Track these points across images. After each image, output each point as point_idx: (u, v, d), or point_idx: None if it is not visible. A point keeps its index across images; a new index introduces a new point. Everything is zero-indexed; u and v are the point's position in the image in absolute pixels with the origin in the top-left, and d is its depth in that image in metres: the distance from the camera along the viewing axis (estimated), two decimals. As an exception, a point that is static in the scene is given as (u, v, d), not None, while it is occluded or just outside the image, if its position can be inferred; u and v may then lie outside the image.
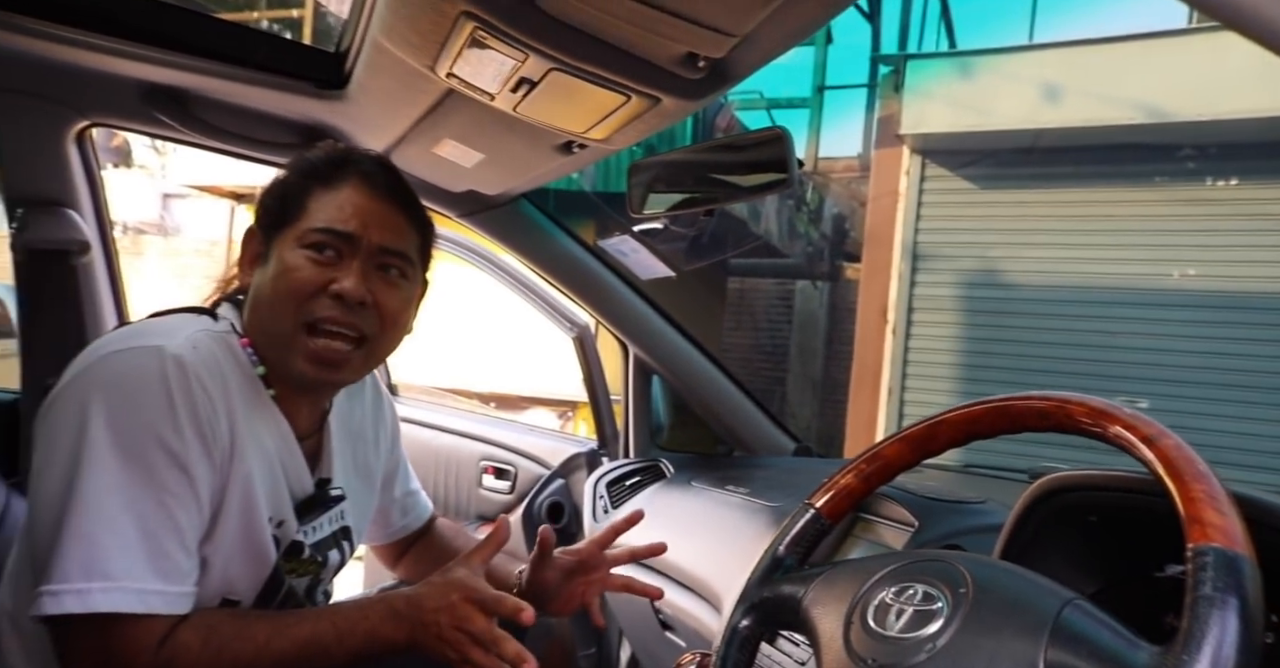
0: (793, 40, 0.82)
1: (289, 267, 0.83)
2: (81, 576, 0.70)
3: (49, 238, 1.25)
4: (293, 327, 0.83)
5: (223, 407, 0.79)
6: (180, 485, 0.76)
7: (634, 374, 1.69)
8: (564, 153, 1.15)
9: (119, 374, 0.76)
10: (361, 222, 0.85)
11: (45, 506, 0.74)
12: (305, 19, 8.05)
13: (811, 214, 8.33)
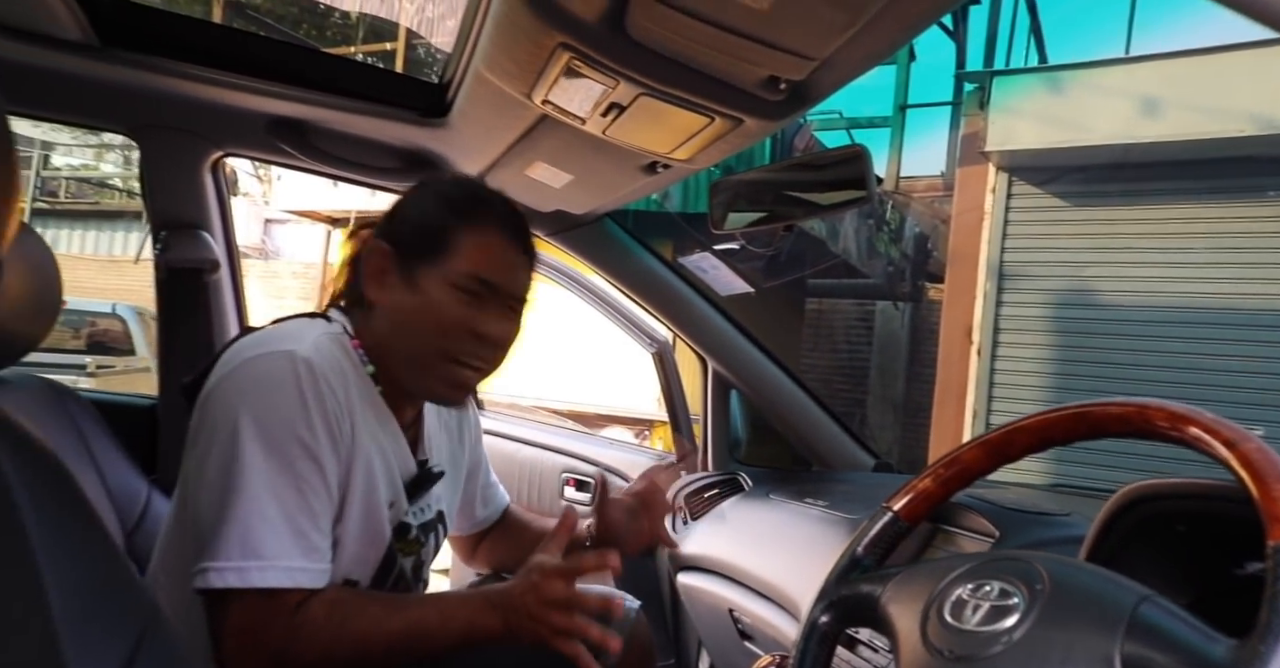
0: (872, 62, 0.85)
1: (439, 303, 0.91)
2: (239, 555, 0.80)
3: (186, 257, 1.38)
4: (435, 356, 0.92)
5: (344, 402, 0.88)
6: (314, 475, 0.84)
7: (713, 389, 1.72)
8: (648, 173, 1.21)
9: (259, 377, 0.85)
10: (508, 274, 0.94)
11: (204, 494, 0.84)
12: (398, 51, 8.47)
13: (892, 234, 8.21)
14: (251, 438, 0.82)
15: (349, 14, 10.66)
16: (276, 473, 0.82)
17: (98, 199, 12.55)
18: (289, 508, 0.83)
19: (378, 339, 0.95)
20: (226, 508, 0.81)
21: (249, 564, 0.80)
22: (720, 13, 0.74)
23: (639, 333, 1.83)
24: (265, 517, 0.81)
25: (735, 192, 1.17)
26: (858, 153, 1.01)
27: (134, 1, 1.10)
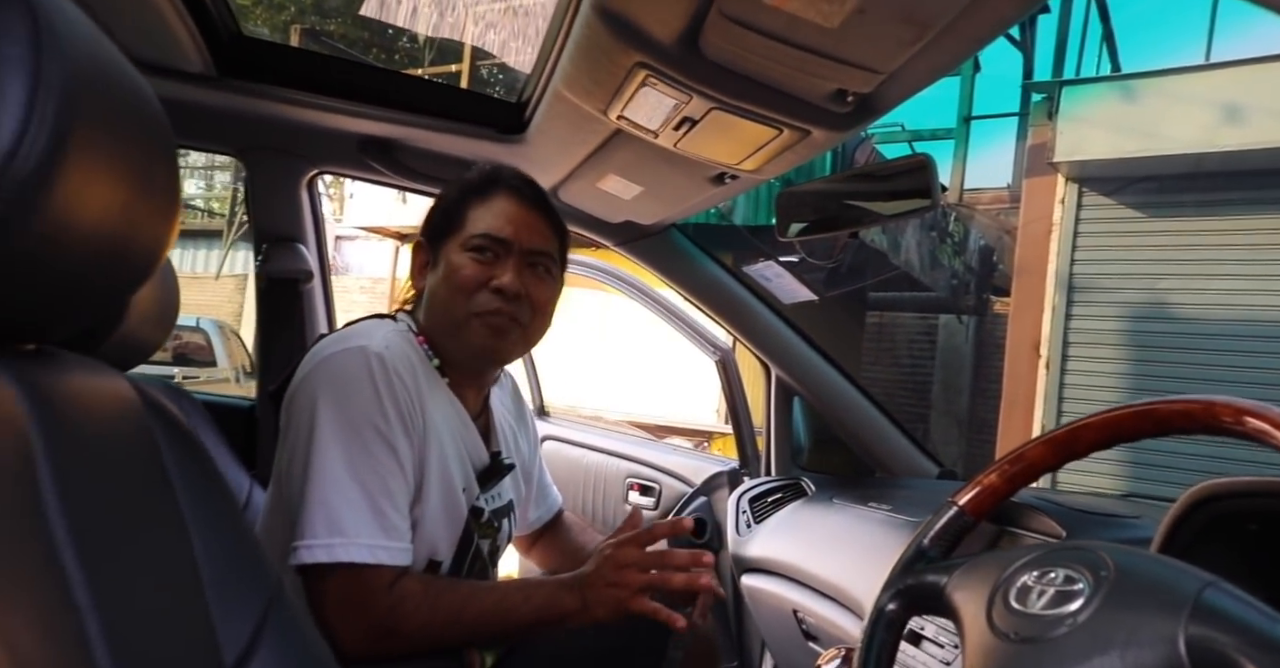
0: (938, 74, 0.89)
1: (455, 267, 1.00)
2: (325, 533, 0.87)
3: (284, 268, 1.49)
4: (464, 316, 1.00)
5: (414, 392, 0.95)
6: (389, 459, 0.92)
7: (775, 395, 1.75)
8: (716, 183, 1.25)
9: (336, 373, 0.93)
10: (515, 228, 1.02)
11: (293, 481, 0.92)
12: (463, 72, 8.73)
13: (956, 246, 8.07)
14: (331, 427, 0.90)
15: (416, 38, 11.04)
16: (355, 458, 0.90)
17: (183, 220, 13.21)
18: (368, 490, 0.90)
19: (429, 325, 1.03)
20: (312, 492, 0.88)
21: (334, 541, 0.87)
22: (791, 31, 0.79)
23: (702, 341, 1.87)
24: (347, 498, 0.88)
25: (801, 201, 1.21)
26: (923, 162, 1.04)
27: (248, 35, 1.20)
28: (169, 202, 0.57)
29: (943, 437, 8.10)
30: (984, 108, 10.12)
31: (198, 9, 1.05)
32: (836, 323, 6.93)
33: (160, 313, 1.15)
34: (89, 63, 0.45)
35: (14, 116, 0.40)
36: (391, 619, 0.88)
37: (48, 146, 0.41)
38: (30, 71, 0.41)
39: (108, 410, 0.58)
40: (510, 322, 1.01)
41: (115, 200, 0.49)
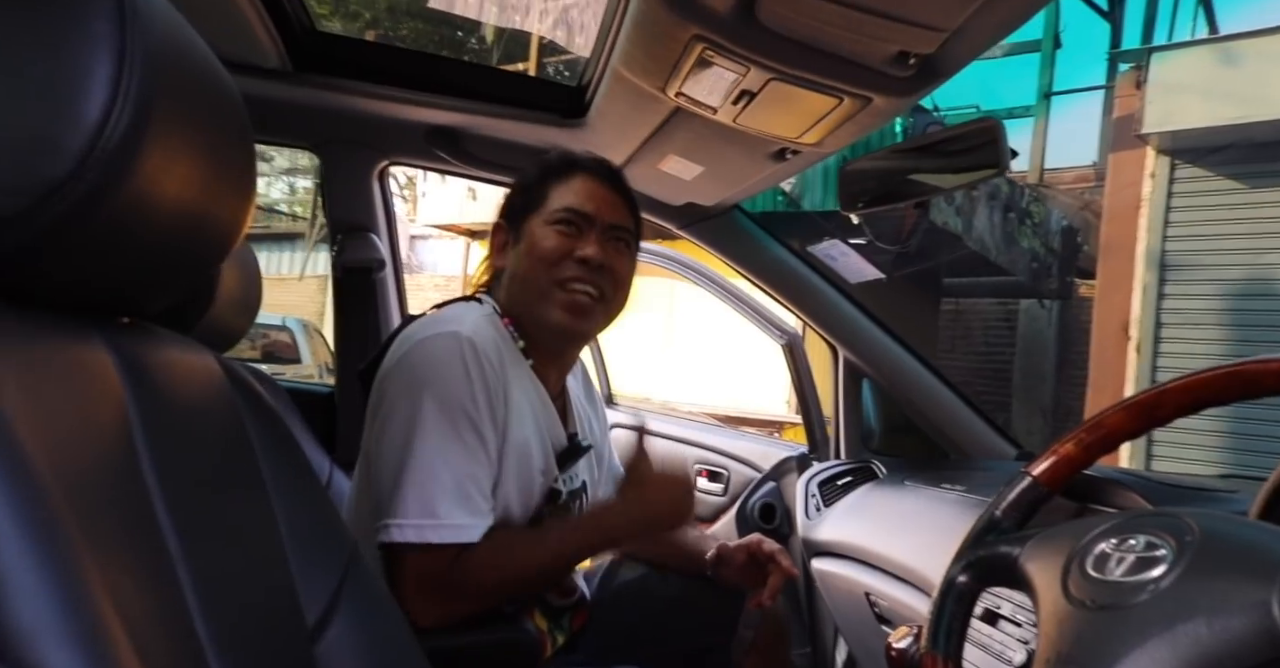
0: (1003, 31, 0.86)
1: (540, 239, 1.03)
2: (417, 514, 0.90)
3: (358, 257, 1.54)
4: (548, 285, 1.02)
5: (502, 377, 0.98)
6: (477, 444, 0.94)
7: (844, 377, 1.72)
8: (777, 160, 1.24)
9: (430, 357, 0.96)
10: (595, 204, 1.05)
11: (384, 462, 0.95)
12: (529, 70, 8.84)
13: (1036, 228, 7.76)
14: (425, 412, 0.93)
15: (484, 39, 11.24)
16: (447, 442, 0.92)
17: (268, 223, 13.79)
18: (458, 474, 0.92)
19: (510, 303, 1.06)
20: (404, 473, 0.92)
21: (425, 522, 0.90)
22: (848, -8, 0.77)
23: (768, 325, 1.86)
24: (439, 481, 0.91)
25: (864, 175, 1.19)
26: (990, 125, 1.00)
27: (322, 30, 1.25)
28: (245, 179, 0.59)
29: (1026, 425, 7.82)
30: (1067, 84, 9.67)
31: (274, 6, 1.09)
32: (910, 311, 6.75)
33: (244, 300, 1.21)
34: (170, 41, 0.48)
35: (102, 90, 0.42)
36: (465, 588, 0.92)
37: (133, 119, 0.44)
38: (117, 47, 0.43)
39: (196, 383, 0.62)
40: (593, 298, 1.03)
41: (195, 175, 0.52)
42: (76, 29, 0.42)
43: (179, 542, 0.50)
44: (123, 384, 0.51)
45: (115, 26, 0.43)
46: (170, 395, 0.56)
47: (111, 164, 0.43)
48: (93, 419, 0.47)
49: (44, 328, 0.47)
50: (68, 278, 0.49)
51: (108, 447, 0.48)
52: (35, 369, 0.43)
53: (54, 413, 0.43)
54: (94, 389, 0.48)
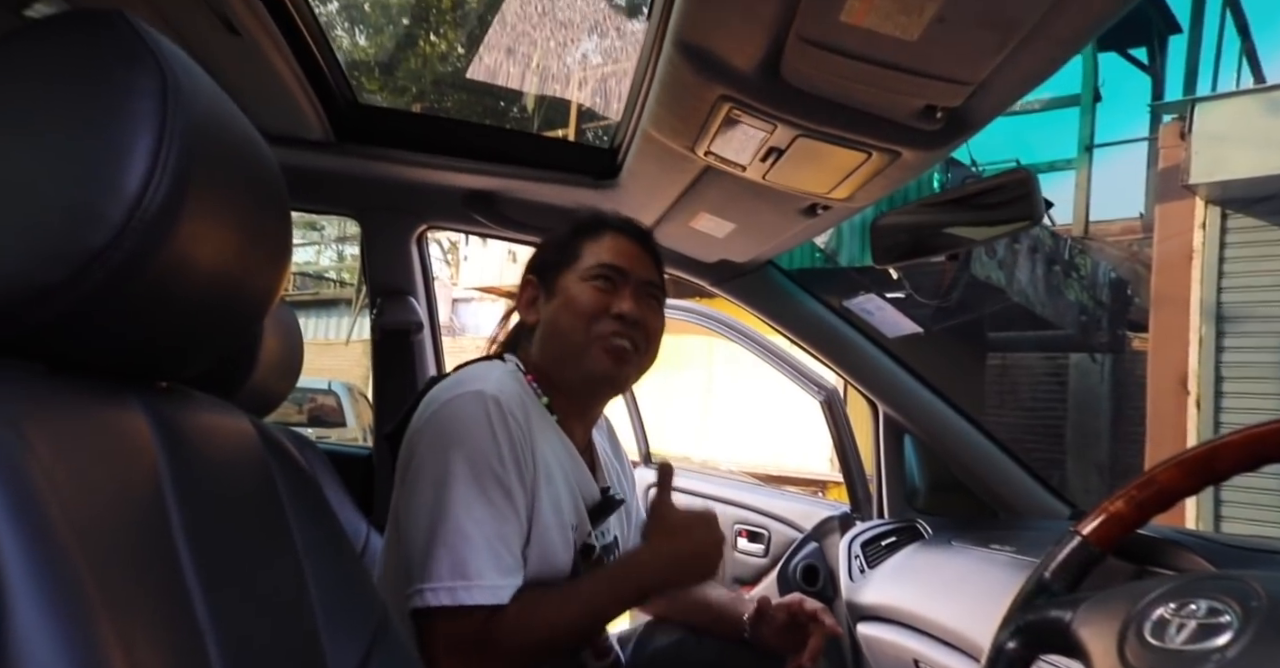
0: (1030, 84, 0.85)
1: (577, 295, 1.04)
2: (449, 576, 0.89)
3: (397, 320, 1.57)
4: (585, 341, 1.03)
5: (527, 432, 0.97)
6: (505, 503, 0.93)
7: (884, 434, 1.68)
8: (809, 215, 1.24)
9: (455, 417, 0.96)
10: (629, 260, 1.07)
11: (413, 525, 0.94)
12: (569, 135, 9.11)
13: (1083, 281, 7.62)
14: (453, 472, 0.92)
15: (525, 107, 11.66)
16: (476, 502, 0.92)
17: (317, 290, 14.21)
18: (488, 533, 0.91)
19: (542, 357, 1.06)
20: (435, 535, 0.91)
21: (457, 584, 0.89)
22: (871, 48, 0.78)
23: (806, 381, 1.83)
24: (469, 542, 0.90)
25: (896, 228, 1.18)
26: (1024, 176, 1.00)
27: (363, 103, 1.31)
28: (280, 245, 0.61)
29: (1082, 484, 7.52)
30: (1109, 136, 9.63)
31: (318, 80, 1.15)
32: (954, 366, 6.63)
33: (286, 364, 1.23)
34: (209, 116, 0.50)
35: (142, 164, 0.44)
36: (498, 649, 0.89)
37: (170, 191, 0.46)
38: (158, 124, 0.45)
39: (230, 446, 0.62)
40: (629, 348, 1.04)
41: (231, 242, 0.54)
42: (121, 107, 0.45)
43: (207, 609, 0.50)
44: (157, 448, 0.52)
45: (157, 103, 0.45)
46: (204, 459, 0.57)
47: (149, 233, 0.45)
48: (124, 485, 0.47)
49: (81, 393, 0.48)
50: (107, 343, 0.50)
51: (138, 513, 0.48)
52: (69, 435, 0.44)
53: (85, 479, 0.43)
54: (127, 454, 0.49)
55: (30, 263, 0.43)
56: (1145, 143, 7.71)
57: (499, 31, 7.99)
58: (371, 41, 13.29)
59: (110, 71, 0.45)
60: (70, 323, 0.46)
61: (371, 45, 13.24)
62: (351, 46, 13.59)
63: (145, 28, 0.47)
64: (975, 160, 7.15)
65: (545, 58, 7.24)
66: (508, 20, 7.75)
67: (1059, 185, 8.27)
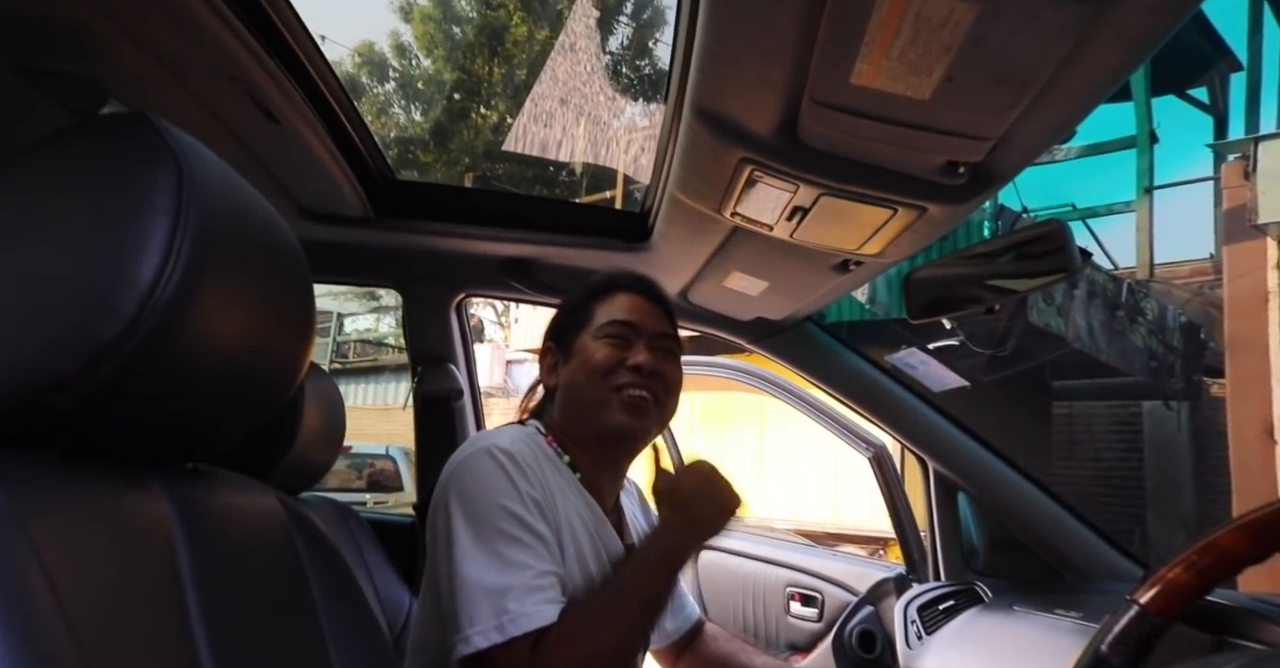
0: (1055, 134, 0.84)
1: (592, 352, 1.06)
2: (490, 615, 0.88)
3: (437, 388, 1.59)
4: (604, 393, 1.04)
5: (545, 485, 0.98)
6: (534, 540, 0.93)
7: (936, 492, 1.62)
8: (841, 271, 1.23)
9: (468, 472, 0.97)
10: (640, 315, 1.09)
11: (448, 576, 0.93)
12: (616, 196, 9.31)
13: (1151, 325, 7.34)
14: (467, 519, 0.93)
15: (574, 172, 12.00)
16: (500, 542, 0.91)
17: (376, 357, 14.57)
18: (521, 569, 0.90)
19: (563, 417, 1.07)
20: (468, 582, 0.90)
21: (502, 620, 0.87)
22: (885, 108, 0.79)
23: (854, 438, 1.79)
24: (503, 581, 0.89)
25: (930, 282, 1.16)
26: (1055, 229, 0.97)
27: (400, 179, 1.36)
28: (302, 324, 0.62)
29: (1166, 540, 7.08)
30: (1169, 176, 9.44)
31: (356, 161, 1.20)
32: (1017, 416, 6.40)
33: (328, 435, 1.26)
34: (225, 205, 0.52)
35: (156, 255, 0.46)
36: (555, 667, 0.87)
37: (184, 280, 0.47)
38: (172, 216, 0.47)
39: (255, 525, 0.63)
40: (648, 400, 1.05)
41: (249, 326, 0.55)
42: (138, 202, 0.47)
43: None
44: (176, 531, 0.52)
45: (173, 197, 0.47)
46: (226, 540, 0.57)
47: (163, 322, 0.46)
48: (138, 572, 0.48)
49: (98, 481, 0.49)
50: (125, 430, 0.51)
51: (152, 598, 0.49)
52: (80, 528, 0.45)
53: (94, 571, 0.44)
54: (143, 540, 0.50)
55: (44, 355, 0.45)
56: (1210, 182, 7.50)
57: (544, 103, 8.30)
58: (426, 116, 13.94)
59: (129, 170, 0.48)
60: (86, 412, 0.47)
61: (426, 119, 13.88)
62: (407, 122, 14.27)
63: (166, 126, 0.50)
64: (1027, 207, 7.04)
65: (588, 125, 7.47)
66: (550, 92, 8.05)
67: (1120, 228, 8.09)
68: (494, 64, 13.55)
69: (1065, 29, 0.63)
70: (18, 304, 0.46)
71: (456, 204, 1.41)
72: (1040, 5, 0.61)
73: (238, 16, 0.79)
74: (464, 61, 13.74)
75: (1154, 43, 0.67)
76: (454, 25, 13.89)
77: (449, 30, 13.86)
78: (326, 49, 1.03)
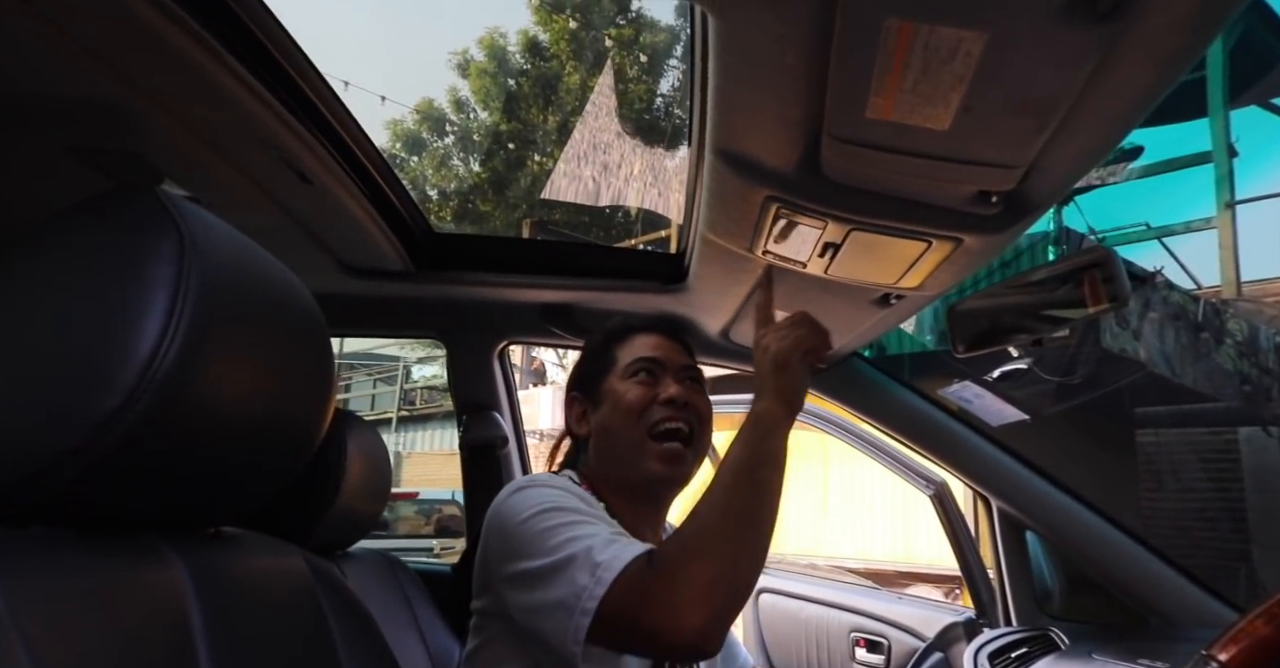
0: (1089, 161, 0.81)
1: (623, 394, 1.05)
2: (589, 578, 0.81)
3: (482, 436, 1.60)
4: (640, 436, 1.02)
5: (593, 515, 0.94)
6: (590, 518, 0.89)
7: (1002, 531, 1.54)
8: (882, 305, 1.20)
9: (511, 500, 0.94)
10: (663, 351, 1.09)
11: (525, 584, 0.87)
12: (670, 236, 9.37)
13: (1241, 347, 6.94)
14: (520, 529, 0.88)
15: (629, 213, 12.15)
16: (564, 526, 0.87)
17: (442, 403, 14.83)
18: (584, 535, 0.86)
19: (599, 464, 1.06)
20: (553, 569, 0.84)
21: (600, 574, 0.81)
22: (906, 140, 0.77)
23: (914, 476, 1.73)
24: (581, 544, 0.84)
25: (975, 314, 1.12)
26: (1103, 256, 0.93)
27: (439, 232, 1.39)
28: (319, 379, 0.62)
29: (1277, 578, 6.57)
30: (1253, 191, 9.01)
31: (392, 216, 1.23)
32: (1096, 446, 6.09)
33: (373, 487, 1.26)
34: (231, 271, 0.53)
35: (156, 325, 0.47)
36: (679, 575, 0.80)
37: (185, 349, 0.47)
38: (172, 286, 0.48)
39: (277, 589, 0.62)
40: (685, 442, 1.03)
41: (260, 386, 0.55)
42: (139, 274, 0.48)
43: None
44: (191, 599, 0.52)
45: (174, 267, 0.48)
46: (244, 605, 0.57)
47: (164, 392, 0.46)
48: (146, 645, 0.47)
49: (110, 553, 0.49)
50: (137, 500, 0.51)
51: (165, 654, 0.48)
52: (85, 602, 0.45)
53: (94, 647, 0.43)
54: (153, 611, 0.49)
55: (46, 429, 0.45)
56: (1295, 195, 7.14)
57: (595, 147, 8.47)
58: (485, 166, 14.37)
59: (131, 241, 0.49)
60: (94, 485, 0.47)
61: (485, 169, 14.31)
62: (466, 173, 14.72)
63: (171, 196, 0.51)
64: (1094, 229, 6.80)
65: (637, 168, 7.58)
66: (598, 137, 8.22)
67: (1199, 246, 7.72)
68: (548, 112, 13.93)
69: (1082, 53, 0.60)
70: (21, 380, 0.47)
71: (495, 253, 1.43)
72: (1051, 31, 0.58)
73: (265, 85, 0.82)
74: (520, 112, 14.17)
75: (1185, 61, 0.64)
76: (509, 78, 14.37)
77: (504, 83, 14.34)
78: (386, 109, 1.07)
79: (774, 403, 0.91)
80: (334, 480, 1.11)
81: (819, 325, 0.97)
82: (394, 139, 14.90)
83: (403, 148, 14.91)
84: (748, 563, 0.83)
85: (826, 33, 0.65)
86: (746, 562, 0.83)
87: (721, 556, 0.81)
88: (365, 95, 15.22)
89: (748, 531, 0.84)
